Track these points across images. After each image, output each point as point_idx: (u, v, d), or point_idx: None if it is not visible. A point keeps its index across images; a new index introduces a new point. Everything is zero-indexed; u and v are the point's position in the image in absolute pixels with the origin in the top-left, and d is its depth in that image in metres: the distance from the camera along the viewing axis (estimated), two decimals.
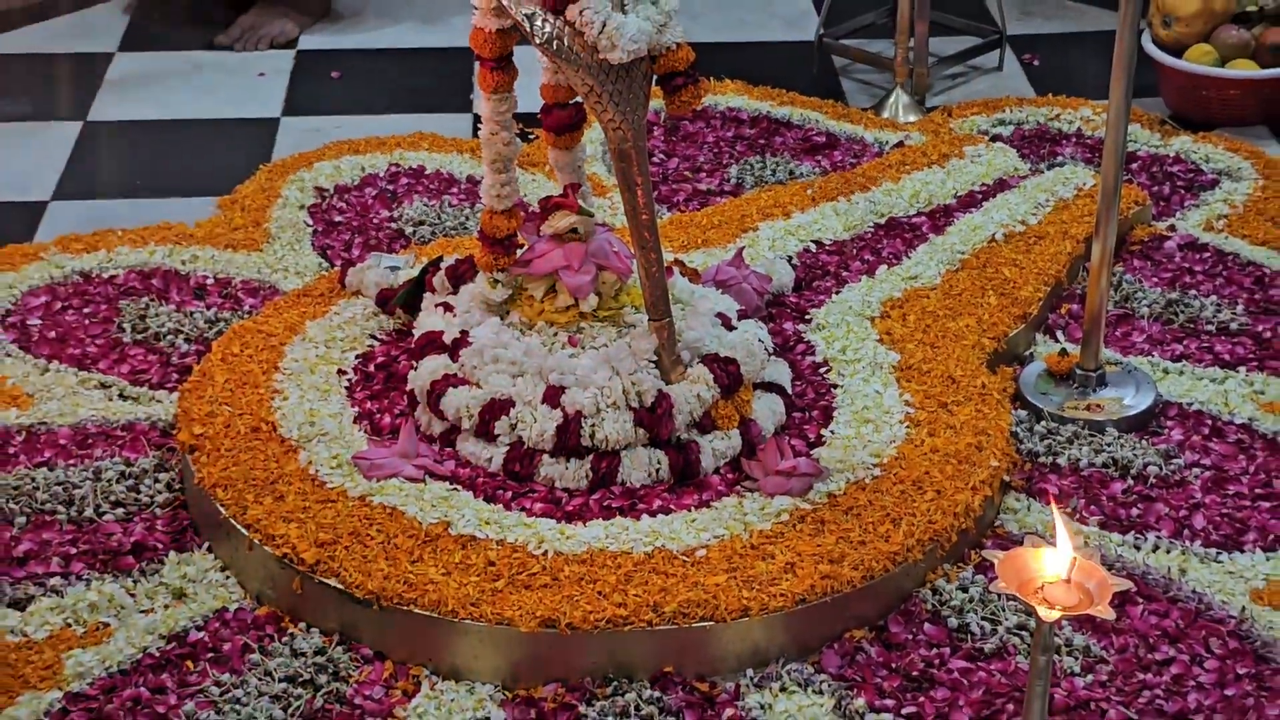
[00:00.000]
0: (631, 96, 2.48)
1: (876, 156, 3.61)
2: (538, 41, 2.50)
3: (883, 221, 3.28)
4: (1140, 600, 2.48)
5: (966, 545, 2.55)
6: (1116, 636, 2.42)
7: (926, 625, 2.44)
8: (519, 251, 2.74)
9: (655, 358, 2.62)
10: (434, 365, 2.68)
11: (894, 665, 2.38)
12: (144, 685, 2.33)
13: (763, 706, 2.31)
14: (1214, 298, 3.17)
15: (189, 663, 2.37)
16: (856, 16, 4.19)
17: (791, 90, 3.93)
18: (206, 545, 2.59)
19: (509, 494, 2.55)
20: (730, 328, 2.76)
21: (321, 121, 3.86)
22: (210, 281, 3.23)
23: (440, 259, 2.94)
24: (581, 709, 2.31)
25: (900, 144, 3.64)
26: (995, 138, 3.67)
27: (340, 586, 2.39)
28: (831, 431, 2.68)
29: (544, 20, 2.48)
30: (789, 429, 2.69)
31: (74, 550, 2.56)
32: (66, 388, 2.94)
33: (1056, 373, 2.91)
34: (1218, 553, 2.58)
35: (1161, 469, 2.75)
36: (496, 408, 2.58)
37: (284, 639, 2.42)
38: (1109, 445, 2.79)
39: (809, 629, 2.39)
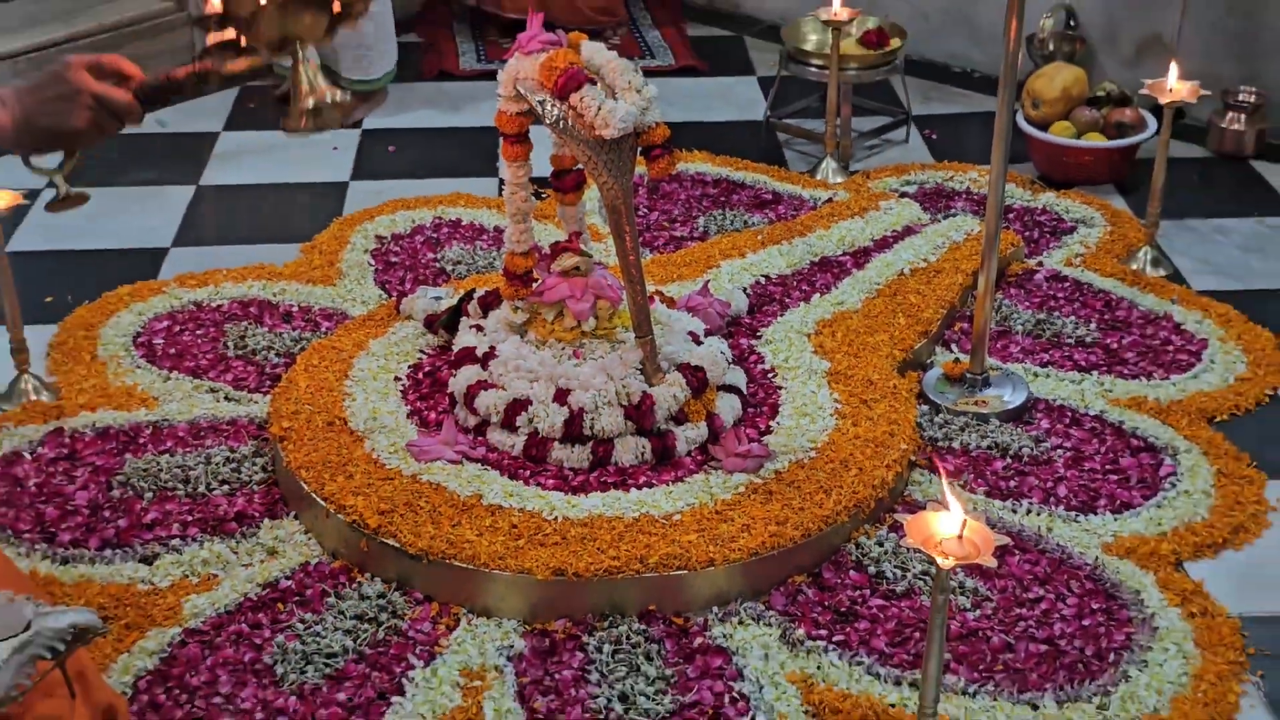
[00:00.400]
0: (621, 164, 2.49)
1: (811, 210, 3.62)
2: (548, 122, 2.51)
3: (816, 260, 3.28)
4: (1016, 552, 2.49)
5: (882, 510, 2.56)
6: (998, 580, 2.43)
7: (852, 572, 2.45)
8: (534, 285, 2.75)
9: (640, 366, 2.62)
10: (469, 373, 2.69)
11: (826, 603, 2.38)
12: (244, 623, 2.34)
13: (725, 636, 2.32)
14: (1072, 318, 3.18)
15: (279, 605, 2.38)
16: (795, 102, 4.20)
17: (745, 159, 3.94)
18: (293, 514, 2.59)
19: (527, 473, 2.55)
20: (699, 343, 2.77)
21: (380, 185, 3.86)
22: (295, 309, 3.23)
23: (474, 290, 2.94)
24: (584, 638, 2.31)
25: (829, 200, 3.65)
26: (903, 194, 3.68)
27: (397, 545, 2.39)
28: (777, 423, 2.69)
29: (552, 105, 2.49)
30: (744, 421, 2.69)
31: (190, 518, 2.57)
32: (184, 392, 2.94)
33: (951, 376, 2.92)
34: (1076, 515, 2.60)
35: (1032, 450, 2.76)
36: (517, 406, 2.59)
37: (353, 586, 2.42)
38: (992, 432, 2.80)
39: (760, 576, 2.40)
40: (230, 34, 1.87)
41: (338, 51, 4.08)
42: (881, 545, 2.49)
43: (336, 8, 1.86)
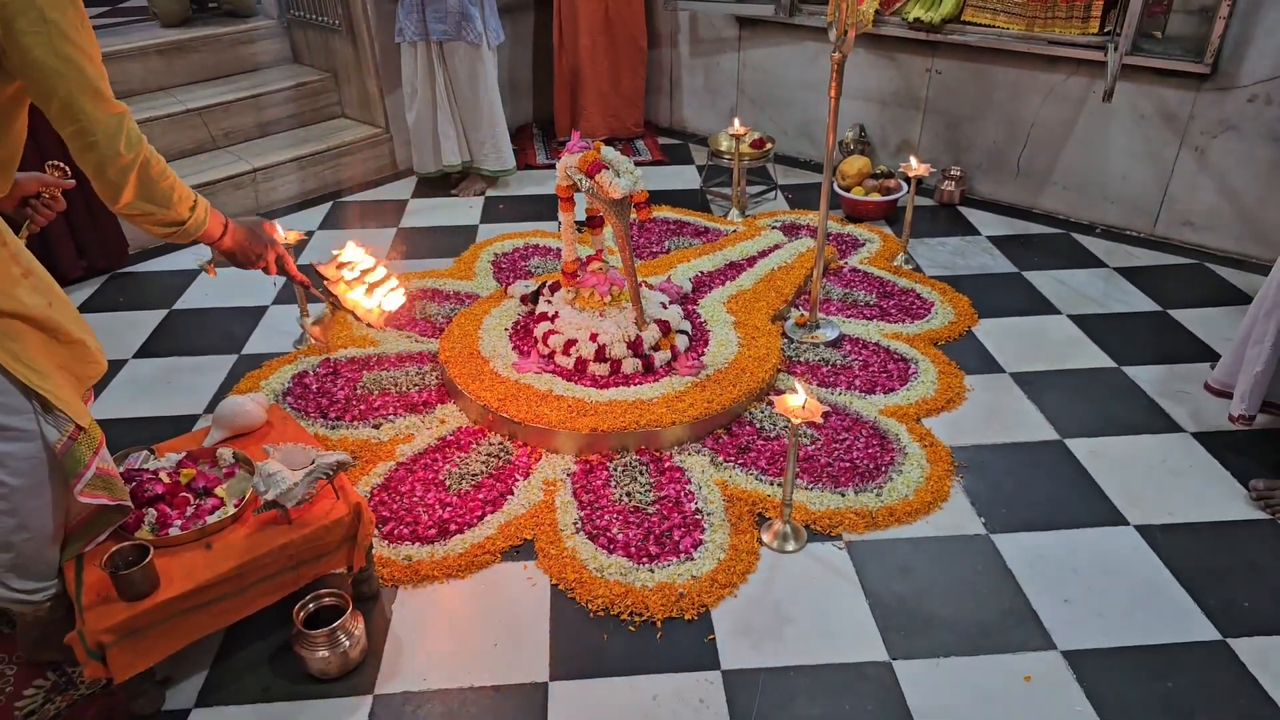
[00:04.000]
0: (623, 212, 2.47)
1: (725, 236, 3.58)
2: (584, 190, 2.48)
3: (728, 263, 3.25)
4: (833, 414, 2.49)
5: (763, 394, 2.55)
6: (824, 430, 2.43)
7: (748, 427, 2.45)
8: (579, 278, 2.72)
9: (635, 321, 2.60)
10: (544, 326, 2.67)
11: (735, 445, 2.38)
12: (429, 458, 2.34)
13: (681, 461, 2.32)
14: (863, 291, 3.15)
15: (448, 448, 2.38)
16: (716, 178, 4.15)
17: (689, 208, 3.89)
18: (453, 401, 2.58)
19: (576, 378, 2.54)
20: (665, 308, 2.75)
21: (496, 226, 3.81)
22: (451, 293, 3.20)
23: (547, 282, 2.92)
24: (608, 464, 2.31)
25: (734, 231, 3.62)
26: (773, 228, 3.64)
27: (506, 416, 2.39)
28: (708, 350, 2.67)
29: (585, 181, 2.46)
30: (690, 349, 2.68)
31: (399, 404, 2.56)
32: (394, 338, 2.91)
33: (799, 324, 2.90)
34: (865, 394, 2.59)
35: (842, 361, 2.75)
36: (570, 343, 2.57)
37: (486, 438, 2.42)
38: (820, 352, 2.78)
39: (699, 430, 2.40)
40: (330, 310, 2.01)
41: (486, 155, 3.99)
42: (763, 413, 2.50)
43: (361, 314, 1.96)
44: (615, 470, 2.30)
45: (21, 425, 1.57)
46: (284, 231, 2.73)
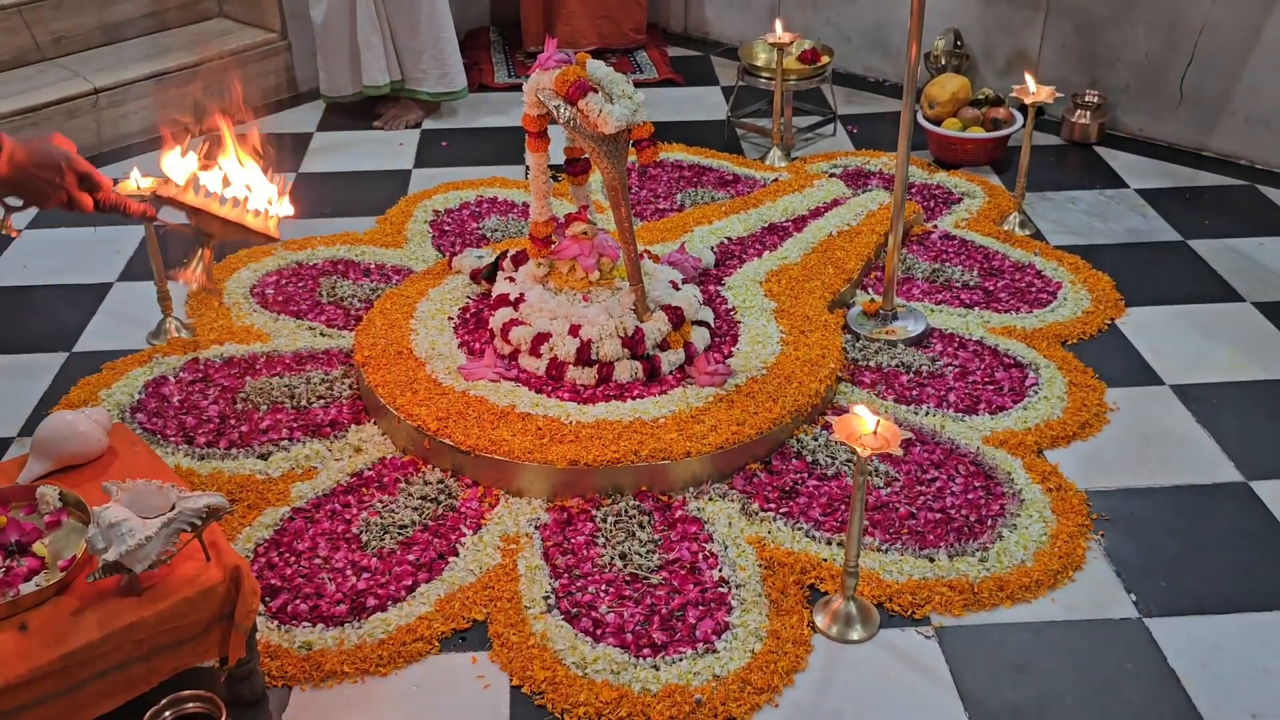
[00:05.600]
0: (618, 153, 2.46)
1: (762, 187, 3.58)
2: (561, 121, 2.47)
3: (766, 226, 3.25)
4: (917, 444, 2.48)
5: (816, 413, 2.55)
6: (904, 465, 2.42)
7: (794, 460, 2.44)
8: (553, 246, 2.72)
9: (634, 307, 2.60)
10: (504, 313, 2.66)
11: (775, 484, 2.38)
12: (337, 503, 2.34)
13: (698, 509, 2.32)
14: (959, 268, 3.15)
15: (364, 489, 2.38)
16: (749, 105, 4.14)
17: (711, 149, 3.89)
18: (373, 420, 2.57)
19: (549, 389, 2.54)
20: (677, 289, 2.74)
21: (436, 171, 3.81)
22: (372, 266, 3.20)
23: (508, 251, 2.92)
24: (593, 512, 2.31)
25: (776, 180, 3.61)
26: (831, 175, 3.64)
27: (451, 443, 2.38)
28: (737, 349, 2.67)
29: (565, 109, 2.45)
30: (712, 348, 2.67)
31: (295, 425, 2.56)
32: (289, 330, 2.92)
33: (868, 312, 2.90)
34: (962, 415, 2.59)
35: (929, 367, 2.74)
36: (541, 338, 2.57)
37: (419, 475, 2.42)
38: (899, 354, 2.78)
39: (725, 464, 2.39)
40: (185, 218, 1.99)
41: (426, 73, 4.01)
42: (816, 440, 2.49)
43: (251, 226, 2.01)
44: (605, 522, 2.29)
45: None
46: (139, 178, 2.72)
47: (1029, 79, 3.21)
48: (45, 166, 1.80)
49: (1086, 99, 3.91)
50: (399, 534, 2.26)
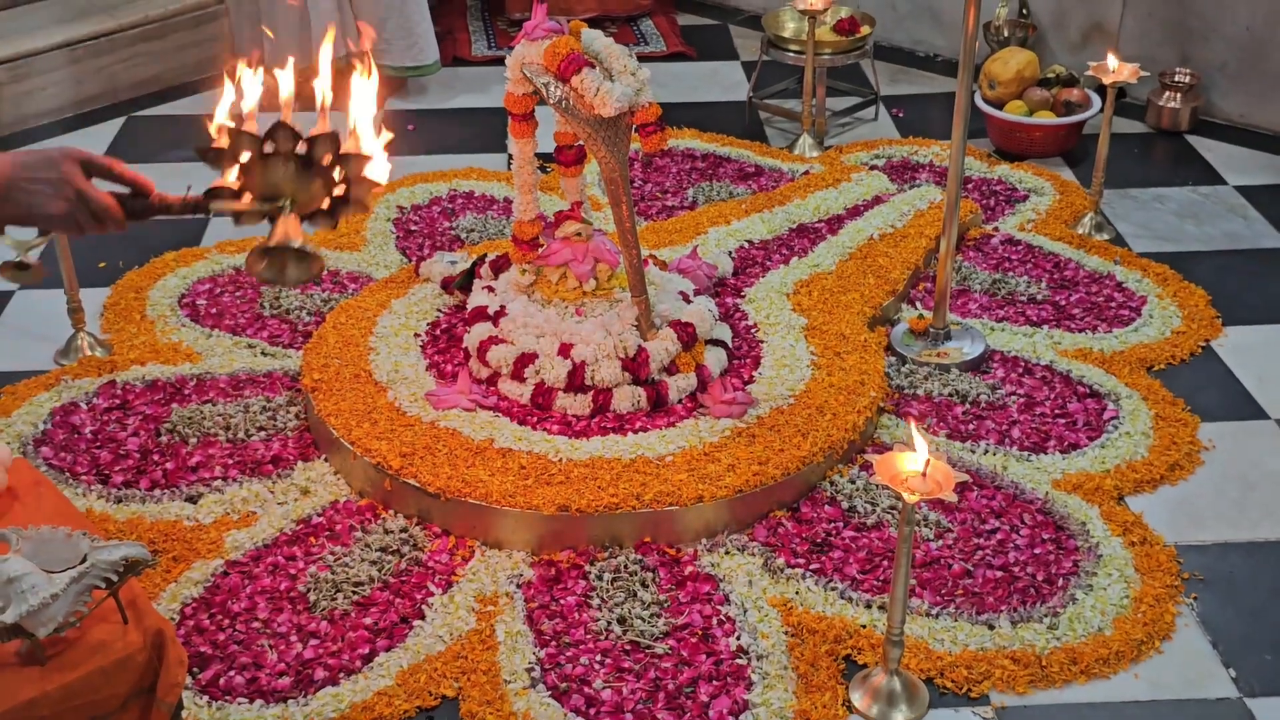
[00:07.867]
0: (618, 140, 2.47)
1: (790, 181, 3.59)
2: (551, 102, 2.49)
3: (794, 227, 3.26)
4: (975, 488, 2.49)
5: (854, 451, 2.55)
6: (958, 513, 2.43)
7: (826, 507, 2.44)
8: (540, 249, 2.73)
9: (636, 323, 2.61)
10: (482, 329, 2.67)
11: (804, 535, 2.38)
12: (280, 555, 2.34)
13: (713, 564, 2.32)
14: (1025, 278, 3.17)
15: (312, 538, 2.38)
16: (775, 84, 4.16)
17: (730, 135, 3.91)
18: (324, 457, 2.58)
19: (535, 419, 2.54)
20: (688, 301, 2.75)
21: (401, 160, 3.82)
22: (326, 273, 3.21)
23: (486, 255, 2.93)
24: (586, 568, 2.31)
25: (806, 173, 3.63)
26: (872, 167, 3.66)
27: (417, 484, 2.39)
28: (759, 373, 2.68)
29: (555, 86, 2.46)
30: (730, 372, 2.68)
31: (231, 461, 2.56)
32: (224, 348, 2.93)
33: (916, 331, 2.91)
34: (1028, 454, 2.59)
35: (989, 397, 2.75)
36: (525, 358, 2.57)
37: (378, 521, 2.42)
38: (953, 380, 2.79)
39: (744, 511, 2.39)
40: (232, 180, 1.69)
41: (390, 43, 4.03)
42: (853, 483, 2.49)
43: (339, 190, 1.65)
44: (600, 579, 2.29)
45: None
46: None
47: (1110, 56, 3.22)
48: (34, 165, 1.71)
49: (1176, 79, 3.92)
50: (354, 592, 2.26)
